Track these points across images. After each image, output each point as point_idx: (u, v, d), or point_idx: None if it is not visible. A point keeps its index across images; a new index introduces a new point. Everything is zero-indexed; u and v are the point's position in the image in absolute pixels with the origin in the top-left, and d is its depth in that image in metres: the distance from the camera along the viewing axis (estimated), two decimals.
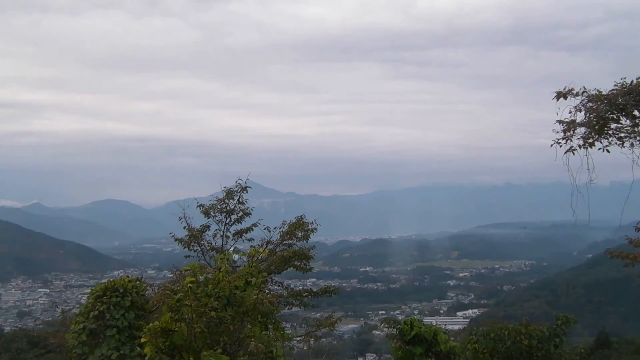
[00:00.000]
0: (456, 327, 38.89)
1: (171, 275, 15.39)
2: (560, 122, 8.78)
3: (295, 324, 20.02)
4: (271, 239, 15.17)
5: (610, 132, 8.73)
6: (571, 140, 8.68)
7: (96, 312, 9.26)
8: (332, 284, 23.81)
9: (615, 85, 8.43)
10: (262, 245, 14.77)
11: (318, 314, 23.71)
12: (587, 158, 8.54)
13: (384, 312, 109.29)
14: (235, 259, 11.89)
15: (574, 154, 8.59)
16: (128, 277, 10.12)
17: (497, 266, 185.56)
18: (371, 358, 64.80)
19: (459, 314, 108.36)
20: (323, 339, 22.20)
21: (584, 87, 8.63)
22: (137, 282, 10.02)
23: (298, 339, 16.20)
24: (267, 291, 11.83)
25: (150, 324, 6.83)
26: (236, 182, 15.33)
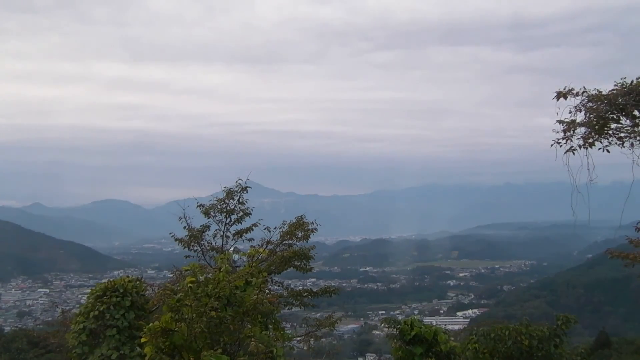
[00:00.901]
0: (456, 327, 38.96)
1: (171, 275, 15.42)
2: (560, 122, 8.77)
3: (295, 324, 20.09)
4: (271, 239, 15.18)
5: (610, 132, 8.72)
6: (571, 140, 8.67)
7: (96, 312, 9.27)
8: (332, 284, 23.78)
9: (615, 85, 8.42)
10: (262, 245, 14.77)
11: (318, 314, 23.70)
12: (587, 158, 8.54)
13: (384, 312, 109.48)
14: (236, 259, 11.87)
15: (574, 154, 8.58)
16: (128, 277, 10.13)
17: (497, 266, 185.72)
18: (371, 358, 64.87)
19: (459, 314, 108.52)
20: (323, 339, 22.19)
21: (584, 87, 8.63)
22: (137, 282, 10.03)
23: (298, 339, 16.20)
24: (267, 291, 11.83)
25: (151, 324, 6.83)
26: (236, 182, 15.36)
